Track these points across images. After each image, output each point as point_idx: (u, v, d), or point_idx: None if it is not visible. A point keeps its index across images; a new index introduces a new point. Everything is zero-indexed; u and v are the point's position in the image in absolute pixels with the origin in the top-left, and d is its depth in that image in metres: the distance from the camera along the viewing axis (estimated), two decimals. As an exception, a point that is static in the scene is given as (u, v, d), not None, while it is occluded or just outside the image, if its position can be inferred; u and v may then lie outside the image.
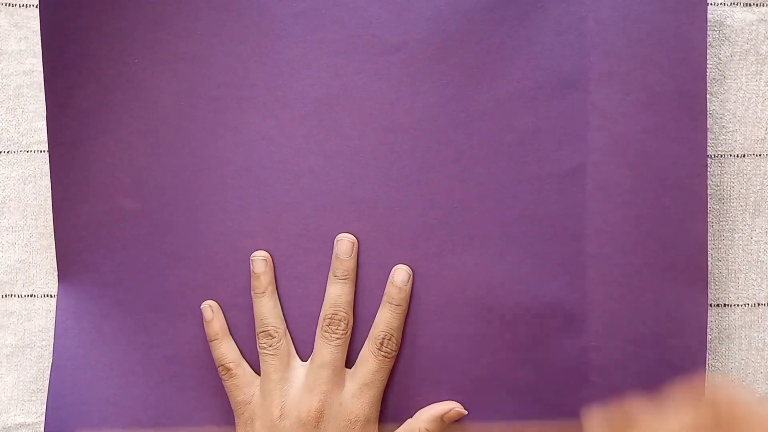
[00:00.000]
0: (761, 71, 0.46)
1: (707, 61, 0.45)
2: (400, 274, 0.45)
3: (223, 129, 0.45)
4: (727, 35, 0.46)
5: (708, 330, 0.46)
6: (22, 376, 0.46)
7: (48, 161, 0.46)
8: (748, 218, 0.46)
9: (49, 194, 0.46)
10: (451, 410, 0.44)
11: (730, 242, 0.46)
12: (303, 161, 0.45)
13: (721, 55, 0.46)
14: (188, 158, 0.45)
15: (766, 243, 0.46)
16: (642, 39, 0.44)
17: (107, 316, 0.45)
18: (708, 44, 0.45)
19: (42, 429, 0.46)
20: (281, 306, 0.45)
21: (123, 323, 0.45)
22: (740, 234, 0.46)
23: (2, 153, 0.46)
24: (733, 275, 0.46)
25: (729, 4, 0.46)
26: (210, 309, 0.45)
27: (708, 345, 0.46)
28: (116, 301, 0.45)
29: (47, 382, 0.45)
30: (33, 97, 0.46)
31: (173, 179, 0.45)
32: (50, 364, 0.45)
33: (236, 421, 0.44)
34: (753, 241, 0.46)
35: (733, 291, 0.46)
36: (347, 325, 0.44)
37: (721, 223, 0.46)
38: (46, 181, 0.46)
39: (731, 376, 0.46)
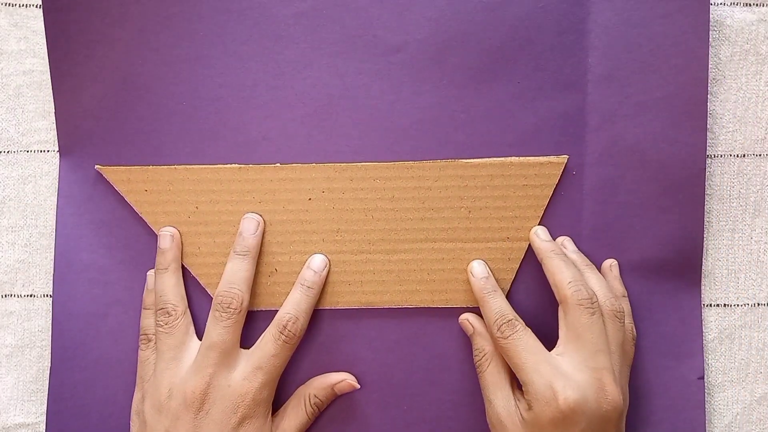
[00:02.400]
0: (761, 71, 0.46)
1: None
2: (316, 260, 0.44)
3: (224, 129, 0.45)
4: (727, 35, 0.46)
5: (708, 330, 0.46)
6: (22, 376, 0.46)
7: (47, 161, 0.46)
8: (748, 218, 0.46)
9: (49, 194, 0.46)
10: (342, 381, 0.44)
11: (730, 242, 0.46)
12: (303, 161, 0.45)
13: (721, 55, 0.46)
14: (190, 158, 0.45)
15: (766, 243, 0.46)
16: (642, 42, 0.44)
17: (107, 315, 0.45)
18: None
19: (42, 429, 0.46)
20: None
21: (123, 323, 0.45)
22: (740, 234, 0.46)
23: (2, 153, 0.46)
24: (733, 275, 0.46)
25: (729, 4, 0.46)
26: (153, 278, 0.45)
27: (708, 345, 0.46)
28: (115, 301, 0.45)
29: (47, 382, 0.45)
30: (33, 97, 0.46)
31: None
32: (49, 364, 0.45)
33: (133, 398, 0.44)
34: (753, 241, 0.46)
35: (733, 291, 0.46)
36: (240, 304, 0.42)
37: (721, 223, 0.46)
38: (46, 181, 0.46)
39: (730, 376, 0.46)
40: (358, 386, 0.44)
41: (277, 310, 0.43)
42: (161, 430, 0.41)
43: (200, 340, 0.43)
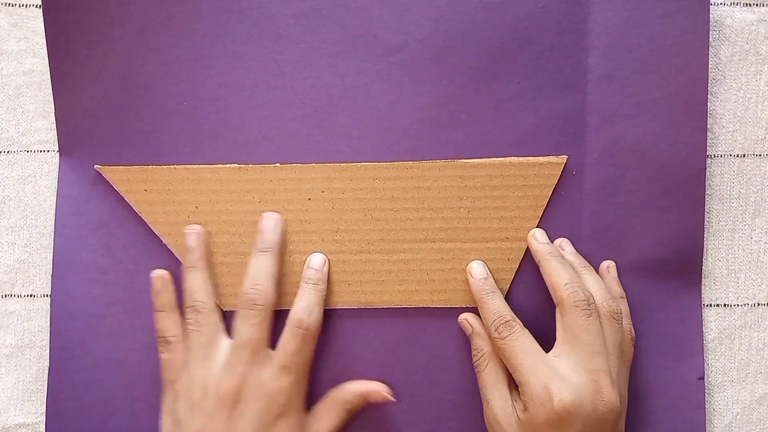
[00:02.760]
0: (761, 71, 0.46)
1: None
2: (316, 258, 0.45)
3: (224, 129, 0.45)
4: (727, 35, 0.46)
5: (708, 330, 0.46)
6: (21, 376, 0.46)
7: (47, 161, 0.46)
8: (748, 218, 0.46)
9: (49, 194, 0.46)
10: (377, 392, 0.43)
11: (730, 242, 0.46)
12: (303, 161, 0.45)
13: (721, 55, 0.46)
14: (190, 158, 0.45)
15: (766, 243, 0.46)
16: (642, 42, 0.44)
17: (105, 315, 0.45)
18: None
19: (42, 429, 0.46)
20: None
21: (122, 323, 0.45)
22: (740, 234, 0.46)
23: (2, 153, 0.46)
24: (733, 275, 0.46)
25: (729, 4, 0.46)
26: (161, 280, 0.44)
27: (708, 345, 0.46)
28: (115, 301, 0.45)
29: (46, 382, 0.45)
30: (33, 97, 0.46)
31: (173, 179, 0.45)
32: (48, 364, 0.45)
33: (163, 400, 0.43)
34: (753, 241, 0.46)
35: (733, 291, 0.46)
36: (266, 300, 0.42)
37: (721, 223, 0.46)
38: (46, 181, 0.46)
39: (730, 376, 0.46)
40: (392, 399, 0.44)
41: (278, 310, 0.43)
42: (195, 430, 0.41)
43: (230, 337, 0.43)
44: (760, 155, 0.46)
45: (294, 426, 0.42)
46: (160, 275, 0.45)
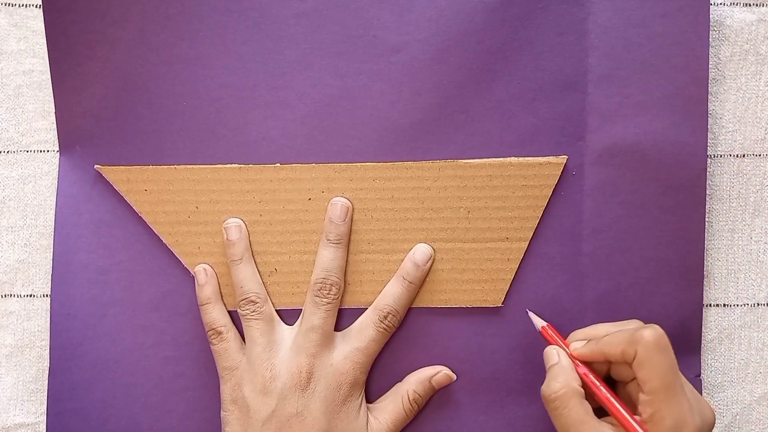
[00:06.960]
0: (761, 71, 0.46)
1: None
2: (422, 253, 0.45)
3: (224, 129, 0.45)
4: (727, 35, 0.46)
5: (708, 330, 0.46)
6: (21, 376, 0.46)
7: (47, 161, 0.46)
8: (747, 218, 0.46)
9: (49, 194, 0.46)
10: (439, 373, 0.44)
11: (729, 242, 0.46)
12: (303, 161, 0.45)
13: (721, 55, 0.46)
14: (190, 158, 0.45)
15: (766, 243, 0.46)
16: (642, 42, 0.44)
17: (106, 315, 0.45)
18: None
19: (42, 429, 0.46)
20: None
21: (122, 323, 0.45)
22: (740, 234, 0.46)
23: (2, 153, 0.46)
24: (733, 275, 0.46)
25: (729, 4, 0.46)
26: (204, 272, 0.45)
27: (708, 345, 0.46)
28: (114, 301, 0.45)
29: (46, 382, 0.45)
30: (33, 97, 0.46)
31: (173, 179, 0.45)
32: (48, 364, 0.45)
33: (222, 389, 0.44)
34: (753, 241, 0.46)
35: (733, 291, 0.46)
36: (339, 290, 0.44)
37: (720, 223, 0.46)
38: (46, 181, 0.46)
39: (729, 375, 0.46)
40: (455, 377, 0.45)
41: (280, 310, 0.44)
42: (267, 411, 0.42)
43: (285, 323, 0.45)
44: (759, 155, 0.46)
45: (358, 409, 0.43)
46: (202, 268, 0.45)
